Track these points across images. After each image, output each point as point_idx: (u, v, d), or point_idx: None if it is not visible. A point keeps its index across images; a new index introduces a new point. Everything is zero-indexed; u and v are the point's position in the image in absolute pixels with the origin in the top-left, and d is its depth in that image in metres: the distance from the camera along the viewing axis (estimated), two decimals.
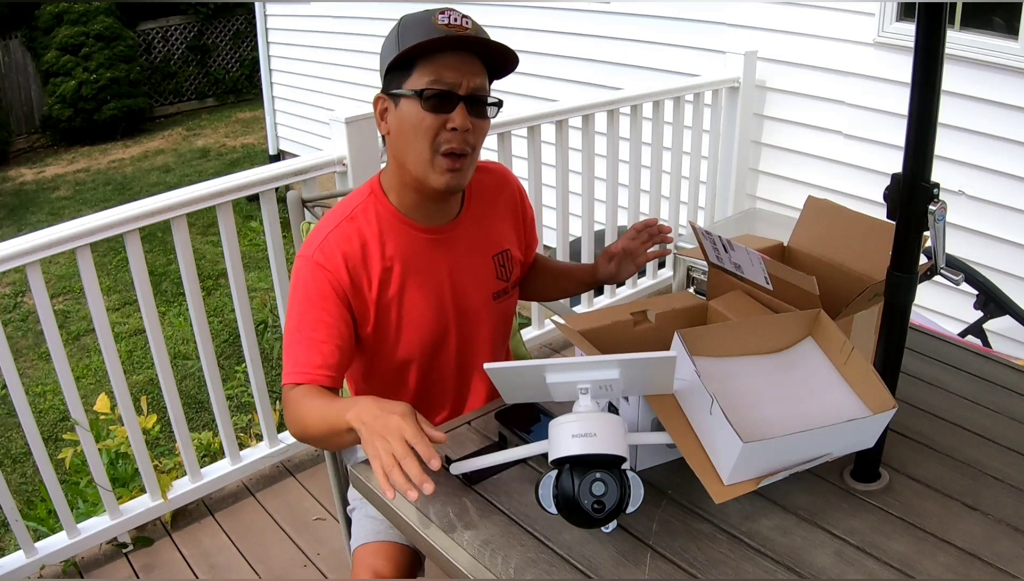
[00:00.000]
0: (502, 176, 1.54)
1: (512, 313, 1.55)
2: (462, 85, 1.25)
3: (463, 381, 1.50)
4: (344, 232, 1.34)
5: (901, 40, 2.92)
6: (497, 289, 1.47)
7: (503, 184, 1.52)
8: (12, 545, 2.29)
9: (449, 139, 1.26)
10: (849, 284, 1.33)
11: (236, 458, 2.49)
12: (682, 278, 3.21)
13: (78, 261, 1.98)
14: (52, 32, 8.87)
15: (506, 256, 1.49)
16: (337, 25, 5.70)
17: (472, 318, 1.45)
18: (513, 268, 1.50)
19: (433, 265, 1.39)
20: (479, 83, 1.27)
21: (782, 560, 1.03)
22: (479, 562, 1.06)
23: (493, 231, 1.48)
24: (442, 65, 1.24)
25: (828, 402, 1.14)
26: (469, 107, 1.26)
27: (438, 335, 1.42)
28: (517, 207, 1.54)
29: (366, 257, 1.34)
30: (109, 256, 5.55)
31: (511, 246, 1.51)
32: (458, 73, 1.25)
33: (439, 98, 1.25)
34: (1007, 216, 2.79)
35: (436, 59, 1.25)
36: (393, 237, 1.36)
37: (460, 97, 1.26)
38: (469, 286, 1.43)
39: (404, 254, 1.36)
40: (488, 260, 1.46)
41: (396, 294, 1.36)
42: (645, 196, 3.26)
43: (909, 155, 1.02)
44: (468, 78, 1.25)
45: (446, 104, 1.25)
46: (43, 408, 4.00)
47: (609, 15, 3.96)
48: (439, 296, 1.40)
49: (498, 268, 1.47)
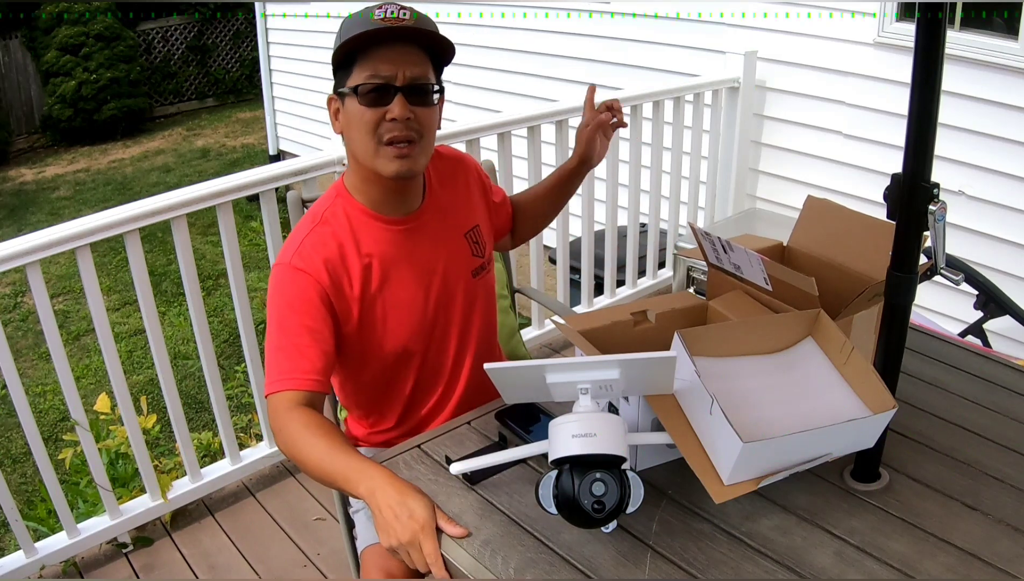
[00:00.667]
0: (457, 157, 1.57)
1: (493, 286, 1.58)
2: (398, 76, 1.27)
3: (459, 361, 1.51)
4: (319, 236, 1.35)
5: (901, 40, 2.92)
6: (474, 266, 1.49)
7: (458, 163, 1.55)
8: (12, 545, 2.29)
9: (390, 129, 1.28)
10: (849, 284, 1.33)
11: (236, 458, 2.48)
12: (682, 278, 3.21)
13: (78, 261, 1.98)
14: (52, 32, 8.87)
15: (477, 232, 1.51)
16: (337, 25, 5.68)
17: (458, 299, 1.47)
18: (486, 242, 1.53)
19: (410, 254, 1.41)
20: (418, 72, 1.29)
21: (782, 560, 1.03)
22: (479, 562, 1.06)
23: (460, 211, 1.50)
24: (378, 59, 1.27)
25: (828, 402, 1.14)
26: (408, 96, 1.28)
27: (427, 322, 1.44)
28: (475, 181, 1.56)
29: (344, 257, 1.35)
30: (109, 256, 5.55)
31: (480, 221, 1.53)
32: (393, 65, 1.27)
33: (376, 92, 1.27)
34: (1007, 216, 2.79)
35: (372, 53, 1.27)
36: (366, 233, 1.38)
37: (397, 88, 1.27)
38: (449, 269, 1.45)
39: (380, 248, 1.38)
40: (461, 239, 1.48)
41: (378, 289, 1.38)
42: (645, 196, 3.25)
43: (909, 155, 1.02)
44: (404, 68, 1.27)
45: (383, 97, 1.28)
46: (43, 408, 4.00)
47: (609, 15, 3.96)
48: (421, 284, 1.42)
49: (472, 245, 1.49)
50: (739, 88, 3.30)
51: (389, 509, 1.09)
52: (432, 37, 1.29)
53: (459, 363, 1.51)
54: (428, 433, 1.35)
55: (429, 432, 1.36)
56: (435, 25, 1.31)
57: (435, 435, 1.34)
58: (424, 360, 1.46)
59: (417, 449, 1.30)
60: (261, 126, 8.09)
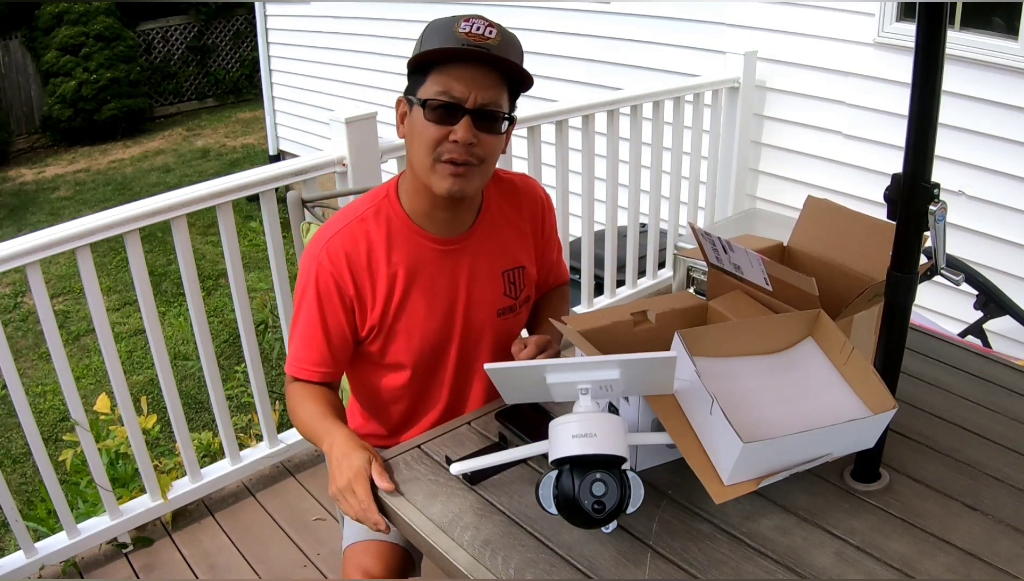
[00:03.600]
0: (531, 189, 1.50)
1: (517, 331, 1.53)
2: (470, 98, 1.23)
3: (459, 392, 1.49)
4: (352, 233, 1.35)
5: (901, 40, 2.92)
6: (503, 306, 1.45)
7: (528, 198, 1.49)
8: (12, 545, 2.29)
9: (451, 150, 1.25)
10: (849, 284, 1.33)
11: (236, 458, 2.48)
12: (682, 278, 3.21)
13: (78, 261, 1.98)
14: (52, 32, 8.87)
15: (519, 273, 1.46)
16: (337, 25, 5.70)
17: (475, 333, 1.44)
18: (524, 285, 1.48)
19: (439, 276, 1.38)
20: (490, 97, 1.25)
21: (782, 560, 1.03)
22: (479, 562, 1.06)
23: (508, 247, 1.45)
24: (453, 76, 1.23)
25: (828, 402, 1.14)
26: (476, 121, 1.24)
27: (437, 345, 1.42)
28: (539, 222, 1.51)
29: (371, 261, 1.34)
30: (109, 256, 5.55)
31: (527, 264, 1.48)
32: (467, 86, 1.23)
33: (444, 109, 1.24)
34: (1007, 216, 2.79)
35: (448, 69, 1.23)
36: (401, 244, 1.36)
37: (467, 110, 1.24)
38: (474, 300, 1.42)
39: (410, 262, 1.36)
40: (497, 276, 1.44)
41: (399, 301, 1.36)
42: (645, 196, 3.25)
43: (909, 155, 1.02)
44: (478, 92, 1.23)
45: (451, 116, 1.24)
46: (43, 408, 4.00)
47: (609, 15, 3.96)
48: (442, 307, 1.40)
49: (507, 285, 1.45)
50: (739, 88, 3.30)
51: (335, 460, 1.21)
52: (511, 67, 1.25)
53: (459, 395, 1.49)
54: (428, 433, 1.35)
55: (429, 432, 1.35)
56: (520, 49, 1.28)
57: (435, 435, 1.34)
58: (422, 384, 1.46)
59: (417, 449, 1.30)
60: (261, 126, 8.09)
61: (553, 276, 1.61)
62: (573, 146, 2.87)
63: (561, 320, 1.31)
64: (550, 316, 1.43)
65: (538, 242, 1.51)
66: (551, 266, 1.59)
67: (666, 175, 3.25)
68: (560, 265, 1.63)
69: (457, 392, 1.48)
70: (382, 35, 5.18)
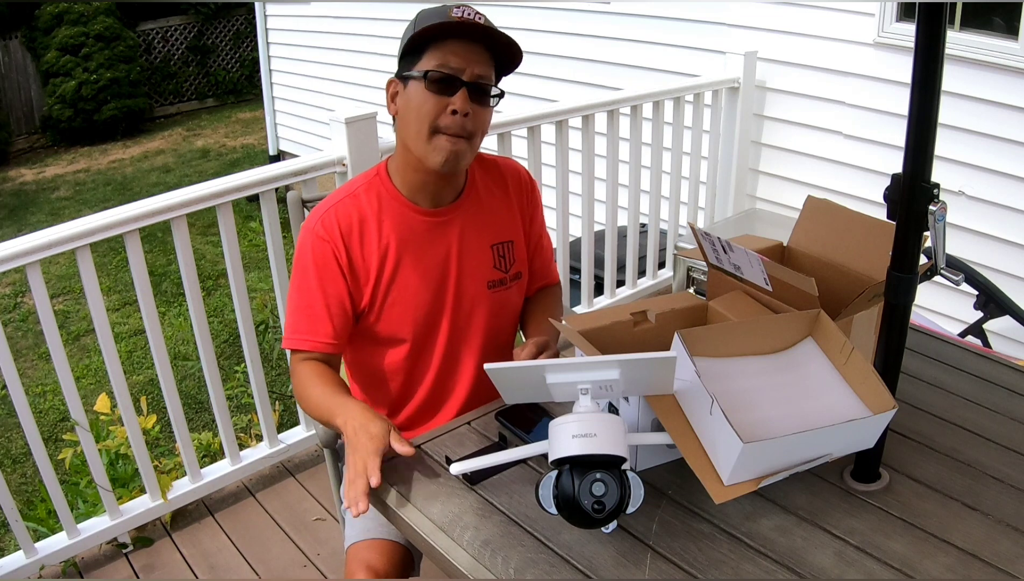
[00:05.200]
0: (514, 170, 1.57)
1: (513, 306, 1.56)
2: (466, 71, 1.31)
3: (450, 366, 1.51)
4: (344, 207, 1.40)
5: (901, 40, 2.92)
6: (493, 278, 1.49)
7: (513, 177, 1.55)
8: (12, 545, 2.29)
9: (448, 123, 1.32)
10: (849, 284, 1.33)
11: (236, 458, 2.48)
12: (682, 278, 3.21)
13: (78, 261, 1.98)
14: (52, 32, 8.87)
15: (507, 247, 1.51)
16: (337, 25, 5.70)
17: (466, 304, 1.47)
18: (515, 261, 1.52)
19: (430, 247, 1.43)
20: (483, 72, 1.33)
21: (782, 560, 1.03)
22: (479, 562, 1.06)
23: (496, 220, 1.50)
24: (449, 51, 1.31)
25: (828, 402, 1.14)
26: (471, 93, 1.32)
27: (430, 317, 1.45)
28: (525, 199, 1.55)
29: (363, 233, 1.39)
30: (109, 256, 5.55)
31: (516, 239, 1.52)
32: (463, 60, 1.31)
33: (443, 81, 1.31)
34: (1007, 216, 2.79)
35: (445, 45, 1.31)
36: (391, 217, 1.41)
37: (463, 82, 1.31)
38: (465, 272, 1.46)
39: (401, 234, 1.41)
40: (486, 248, 1.48)
41: (391, 272, 1.41)
42: (645, 196, 3.25)
43: (909, 155, 1.02)
44: (473, 65, 1.31)
45: (449, 87, 1.31)
46: (43, 408, 4.00)
47: (609, 15, 3.96)
48: (434, 278, 1.44)
49: (496, 258, 1.49)
50: (739, 88, 3.30)
51: (351, 429, 1.22)
52: (505, 44, 1.33)
53: (451, 369, 1.50)
54: (428, 433, 1.35)
55: (429, 432, 1.36)
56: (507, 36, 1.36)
57: (435, 435, 1.34)
58: (417, 357, 1.48)
59: (417, 449, 1.30)
60: (261, 126, 8.10)
61: (546, 270, 1.64)
62: (573, 146, 2.87)
63: (560, 320, 1.31)
64: (546, 316, 1.48)
65: (525, 218, 1.55)
66: (542, 252, 1.61)
67: (666, 175, 3.25)
68: (552, 263, 1.67)
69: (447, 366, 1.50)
70: (382, 35, 5.18)
